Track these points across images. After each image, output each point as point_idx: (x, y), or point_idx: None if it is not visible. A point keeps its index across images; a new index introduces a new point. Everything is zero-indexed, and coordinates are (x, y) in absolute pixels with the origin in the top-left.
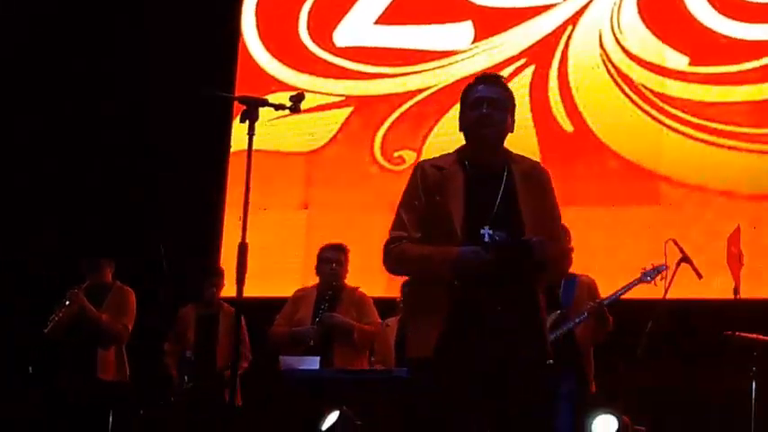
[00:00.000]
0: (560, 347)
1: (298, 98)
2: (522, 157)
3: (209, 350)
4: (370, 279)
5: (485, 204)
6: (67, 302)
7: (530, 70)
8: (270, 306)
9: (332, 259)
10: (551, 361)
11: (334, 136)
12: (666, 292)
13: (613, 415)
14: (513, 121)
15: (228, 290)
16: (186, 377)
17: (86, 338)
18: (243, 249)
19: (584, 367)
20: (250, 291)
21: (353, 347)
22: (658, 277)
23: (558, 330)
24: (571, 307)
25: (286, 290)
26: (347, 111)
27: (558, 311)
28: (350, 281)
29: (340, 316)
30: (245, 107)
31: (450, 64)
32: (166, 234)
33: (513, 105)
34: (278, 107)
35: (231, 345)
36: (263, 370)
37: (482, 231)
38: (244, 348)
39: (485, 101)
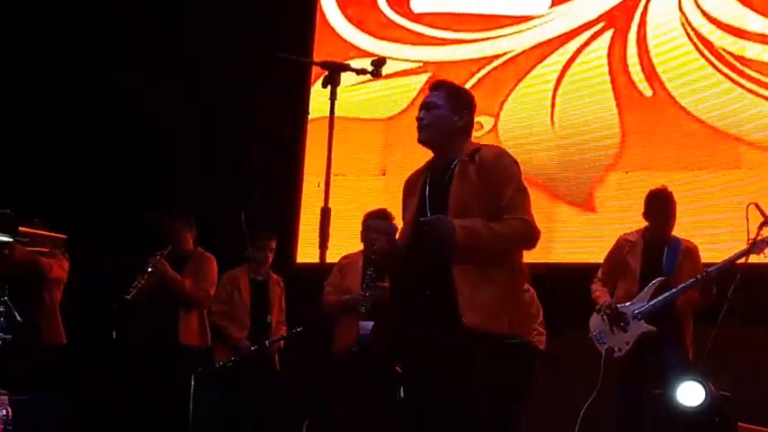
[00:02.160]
0: (661, 316)
1: (379, 63)
2: (479, 147)
3: (263, 316)
4: None
5: (429, 200)
6: (150, 269)
7: (608, 34)
8: None
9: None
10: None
11: (412, 102)
12: (748, 256)
13: (699, 382)
14: (461, 117)
15: (308, 255)
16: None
17: (169, 304)
18: (325, 214)
19: (685, 335)
20: (330, 257)
21: None
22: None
23: (660, 297)
24: (674, 274)
25: None
26: (425, 77)
27: (661, 278)
28: None
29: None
30: (325, 73)
31: (528, 29)
32: (246, 200)
33: (456, 101)
34: (359, 72)
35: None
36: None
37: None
38: (283, 317)
39: (421, 108)
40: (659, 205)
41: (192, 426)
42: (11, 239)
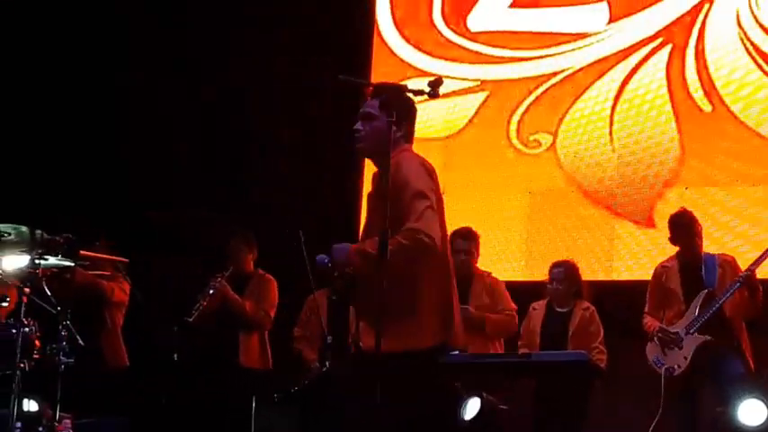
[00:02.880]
0: (714, 329)
1: (436, 83)
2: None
3: (342, 334)
4: (509, 263)
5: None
6: (211, 291)
7: (666, 50)
8: None
9: (461, 249)
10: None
11: (470, 120)
12: None
13: (761, 399)
14: (399, 127)
15: None
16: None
17: (230, 326)
18: (384, 236)
19: (741, 345)
20: None
21: (486, 337)
22: None
23: (708, 310)
24: (716, 287)
25: None
26: (483, 95)
27: (705, 290)
28: (488, 265)
29: (471, 309)
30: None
31: (585, 46)
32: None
33: (393, 110)
34: (417, 92)
35: None
36: None
37: None
38: None
39: (357, 119)
40: (680, 227)
41: None
42: (72, 263)
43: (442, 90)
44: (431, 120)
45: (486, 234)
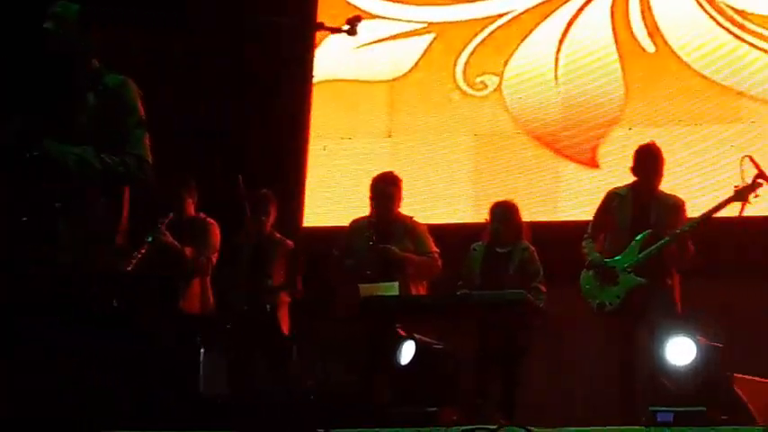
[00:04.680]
0: (650, 270)
1: (354, 20)
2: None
3: (264, 280)
4: (456, 204)
5: None
6: (150, 239)
7: None
8: None
9: (383, 192)
10: None
11: (417, 63)
12: (743, 209)
13: (689, 336)
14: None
15: (314, 219)
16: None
17: (170, 272)
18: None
19: (673, 289)
20: (335, 219)
21: (407, 278)
22: (752, 195)
23: (648, 249)
24: (662, 227)
25: None
26: (429, 37)
27: (649, 231)
28: (434, 207)
29: (394, 249)
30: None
31: None
32: (249, 164)
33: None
34: (334, 30)
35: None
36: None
37: None
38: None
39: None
40: (647, 160)
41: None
42: None
43: (389, 32)
44: (377, 62)
45: (433, 176)
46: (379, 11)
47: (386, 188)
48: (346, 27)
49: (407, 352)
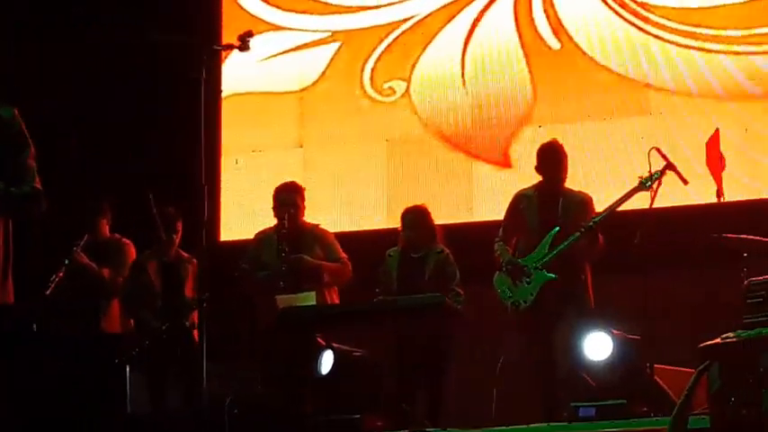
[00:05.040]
0: (561, 267)
1: (245, 36)
2: None
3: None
4: (370, 212)
5: None
6: (66, 261)
7: None
8: None
9: (286, 201)
10: None
11: (324, 72)
12: (653, 201)
13: (604, 331)
14: None
15: (230, 233)
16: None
17: (88, 294)
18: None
19: (583, 285)
20: (247, 233)
21: (323, 286)
22: (656, 184)
23: (556, 249)
24: (570, 224)
25: None
26: (335, 46)
27: (558, 228)
28: (349, 216)
29: (307, 258)
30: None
31: None
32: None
33: None
34: (226, 47)
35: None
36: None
37: None
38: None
39: None
40: (550, 158)
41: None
42: None
43: (294, 42)
44: (284, 73)
45: (346, 185)
46: (284, 22)
47: (290, 197)
48: (238, 43)
49: (327, 361)
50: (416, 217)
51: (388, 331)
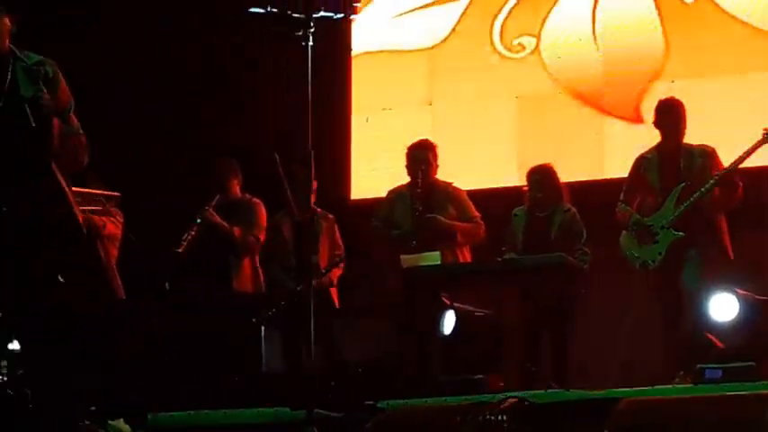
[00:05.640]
0: (690, 223)
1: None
2: None
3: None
4: (500, 169)
5: None
6: (198, 220)
7: None
8: None
9: (419, 158)
10: None
11: (453, 29)
12: None
13: (730, 292)
14: None
15: (361, 192)
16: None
17: (220, 252)
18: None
19: (718, 237)
20: (377, 191)
21: (455, 245)
22: None
23: (683, 205)
24: (695, 178)
25: None
26: (464, 2)
27: (683, 184)
28: (479, 172)
29: (441, 218)
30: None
31: None
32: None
33: None
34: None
35: (330, 249)
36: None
37: None
38: (339, 252)
39: None
40: (668, 114)
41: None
42: None
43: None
44: (414, 31)
45: (476, 141)
46: None
47: (422, 154)
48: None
49: (449, 321)
50: (542, 176)
51: (513, 291)
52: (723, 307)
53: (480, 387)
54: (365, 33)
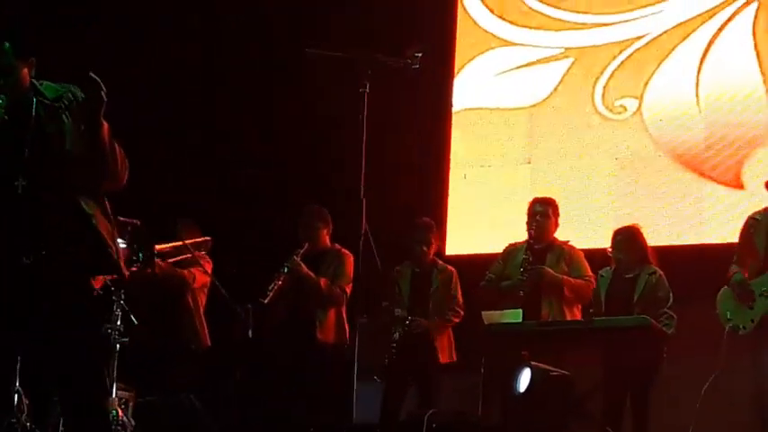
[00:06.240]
0: None
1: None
2: None
3: (421, 306)
4: (595, 230)
5: None
6: (285, 269)
7: (752, 8)
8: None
9: (538, 212)
10: None
11: (555, 88)
12: None
13: None
14: None
15: (456, 246)
16: (396, 333)
17: (306, 303)
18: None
19: None
20: (477, 247)
21: (564, 301)
22: None
23: None
24: None
25: None
26: (567, 62)
27: None
28: (574, 232)
29: (548, 269)
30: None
31: (669, 8)
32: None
33: None
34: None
35: (443, 301)
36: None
37: None
38: (455, 305)
39: None
40: None
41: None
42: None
43: (527, 59)
44: (516, 89)
45: (573, 201)
46: (517, 38)
47: (542, 208)
48: (408, 61)
49: (524, 379)
50: (626, 238)
51: (595, 352)
52: None
53: None
54: (467, 90)
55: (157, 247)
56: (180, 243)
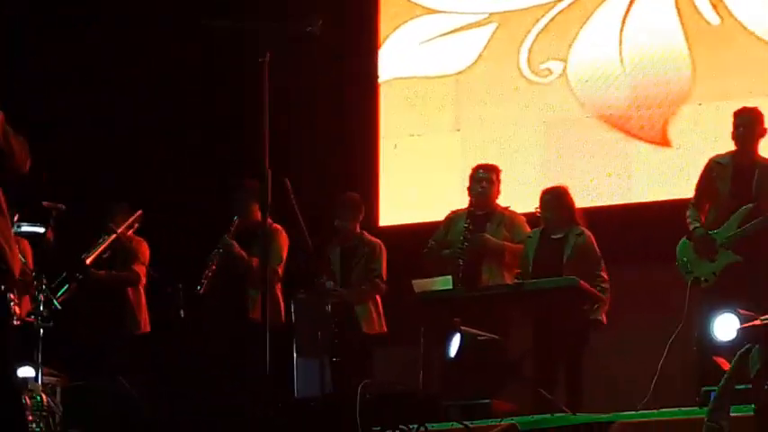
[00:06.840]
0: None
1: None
2: None
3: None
4: (527, 194)
5: None
6: (219, 249)
7: None
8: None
9: (481, 179)
10: None
11: (480, 54)
12: None
13: (731, 312)
14: None
15: (389, 218)
16: (328, 306)
17: (238, 283)
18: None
19: None
20: (411, 217)
21: (505, 266)
22: None
23: (748, 224)
24: (764, 199)
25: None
26: (491, 27)
27: (751, 205)
28: (506, 197)
29: (489, 237)
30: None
31: None
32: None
33: None
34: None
35: (364, 273)
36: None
37: None
38: (373, 276)
39: None
40: (746, 124)
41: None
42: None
43: (451, 25)
44: (441, 57)
45: (503, 167)
46: (441, 5)
47: (486, 176)
48: (309, 28)
49: (454, 344)
50: (554, 196)
51: (524, 315)
52: (725, 327)
53: (484, 412)
54: (393, 60)
55: (88, 260)
56: (111, 238)
